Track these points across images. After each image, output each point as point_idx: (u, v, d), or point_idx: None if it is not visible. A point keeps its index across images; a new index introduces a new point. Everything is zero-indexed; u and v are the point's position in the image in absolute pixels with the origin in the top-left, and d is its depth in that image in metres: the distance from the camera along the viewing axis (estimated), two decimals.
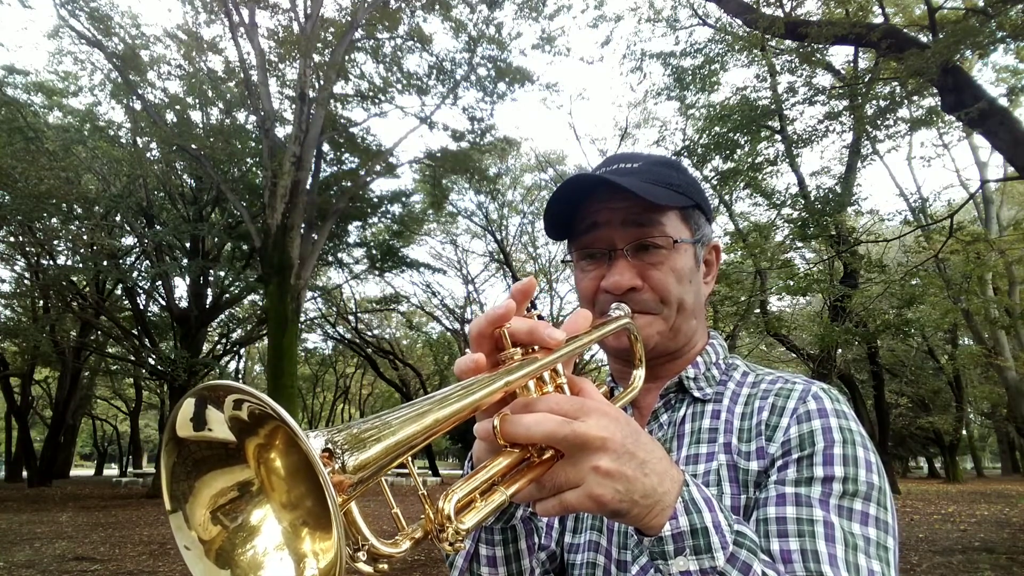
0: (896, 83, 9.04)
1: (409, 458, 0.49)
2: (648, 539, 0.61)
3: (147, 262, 21.12)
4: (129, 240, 22.01)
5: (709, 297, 1.02)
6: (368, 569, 0.44)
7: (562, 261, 1.04)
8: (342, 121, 19.20)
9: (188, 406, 0.40)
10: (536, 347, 0.61)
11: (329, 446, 0.40)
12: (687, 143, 12.73)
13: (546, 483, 0.58)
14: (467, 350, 0.61)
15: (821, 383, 0.83)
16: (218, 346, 26.88)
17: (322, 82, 16.46)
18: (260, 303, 23.45)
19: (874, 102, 9.85)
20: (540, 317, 0.64)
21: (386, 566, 0.45)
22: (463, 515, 0.52)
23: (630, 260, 0.87)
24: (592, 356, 32.91)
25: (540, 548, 0.88)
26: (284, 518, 0.41)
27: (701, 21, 12.21)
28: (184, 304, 21.64)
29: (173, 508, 0.42)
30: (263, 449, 0.40)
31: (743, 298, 14.82)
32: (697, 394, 0.89)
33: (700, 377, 0.91)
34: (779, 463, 0.76)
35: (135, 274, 20.76)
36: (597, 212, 0.88)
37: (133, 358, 21.50)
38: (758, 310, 16.17)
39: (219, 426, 0.40)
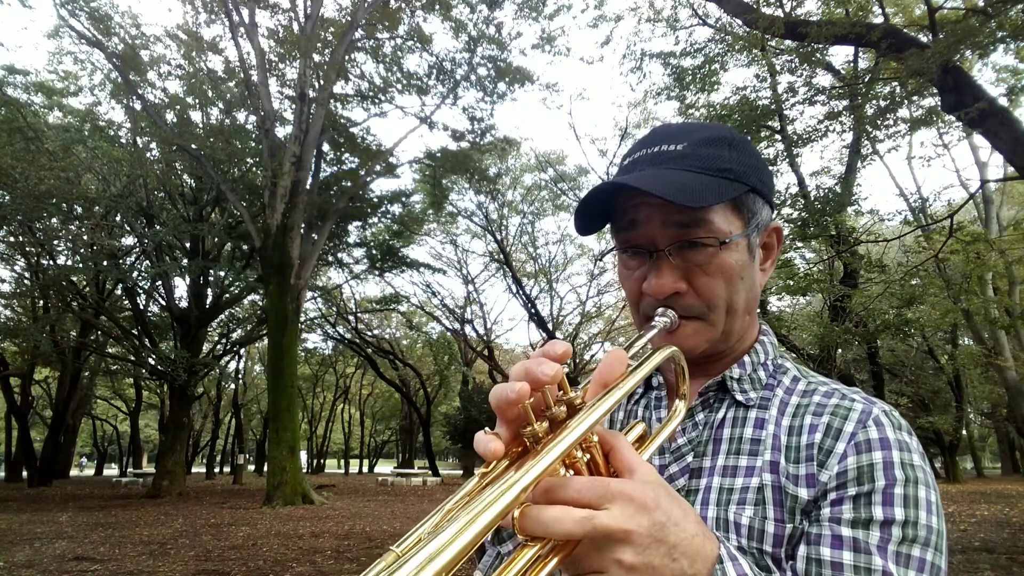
0: (896, 83, 9.04)
1: None
2: None
3: (147, 262, 21.13)
4: (129, 240, 22.04)
5: (765, 285, 0.91)
6: None
7: (599, 259, 0.95)
8: (342, 121, 19.22)
9: None
10: (565, 411, 0.56)
11: None
12: None
13: (570, 564, 0.55)
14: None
15: (884, 404, 0.76)
16: (218, 346, 26.88)
17: (322, 82, 16.47)
18: (260, 303, 23.46)
19: (874, 102, 9.85)
20: (569, 375, 0.59)
21: None
22: None
23: (673, 260, 0.79)
24: (592, 356, 32.90)
25: None
26: None
27: (701, 21, 12.21)
28: (184, 304, 21.65)
29: None
30: None
31: None
32: (740, 397, 0.82)
33: (745, 378, 0.83)
34: (832, 496, 0.70)
35: (135, 274, 20.75)
36: (636, 208, 0.80)
37: (133, 358, 21.50)
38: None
39: None
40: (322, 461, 49.06)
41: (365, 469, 54.55)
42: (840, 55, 12.65)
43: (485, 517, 0.46)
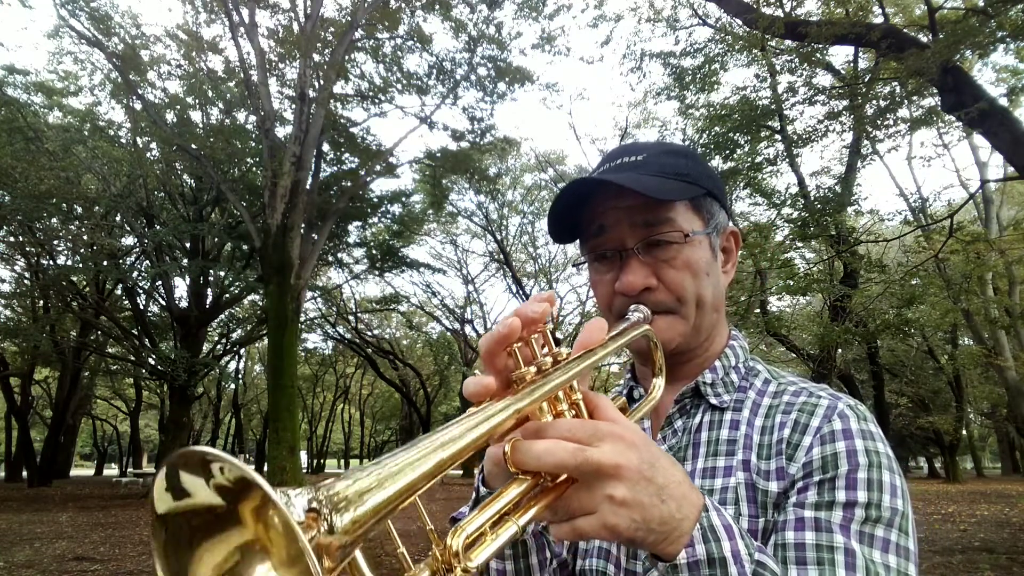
0: (896, 83, 9.04)
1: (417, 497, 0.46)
2: (662, 564, 0.59)
3: (147, 262, 21.11)
4: (129, 240, 22.02)
5: (729, 287, 0.97)
6: None
7: (573, 265, 1.01)
8: (342, 121, 19.20)
9: (160, 479, 0.37)
10: (550, 361, 0.58)
11: (315, 505, 0.36)
12: (687, 143, 12.73)
13: (559, 508, 0.56)
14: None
15: (848, 399, 0.79)
16: (218, 346, 26.89)
17: (322, 82, 16.46)
18: (260, 303, 23.45)
19: (874, 102, 9.84)
20: (553, 335, 0.60)
21: None
22: (472, 551, 0.49)
23: (642, 258, 0.83)
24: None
25: (553, 556, 0.86)
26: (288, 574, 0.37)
27: (701, 21, 12.21)
28: (184, 304, 21.64)
29: None
30: (257, 508, 0.36)
31: (743, 298, 14.82)
32: (714, 401, 0.85)
33: (718, 382, 0.87)
34: (799, 485, 0.73)
35: (135, 274, 20.75)
36: (603, 213, 0.85)
37: (133, 358, 21.50)
38: (758, 310, 16.17)
39: (202, 491, 0.36)
40: (322, 461, 49.04)
41: None
42: (840, 55, 12.65)
43: (481, 427, 0.50)
